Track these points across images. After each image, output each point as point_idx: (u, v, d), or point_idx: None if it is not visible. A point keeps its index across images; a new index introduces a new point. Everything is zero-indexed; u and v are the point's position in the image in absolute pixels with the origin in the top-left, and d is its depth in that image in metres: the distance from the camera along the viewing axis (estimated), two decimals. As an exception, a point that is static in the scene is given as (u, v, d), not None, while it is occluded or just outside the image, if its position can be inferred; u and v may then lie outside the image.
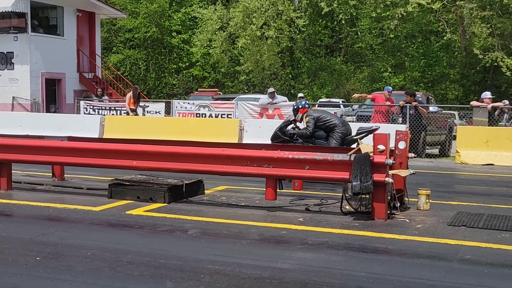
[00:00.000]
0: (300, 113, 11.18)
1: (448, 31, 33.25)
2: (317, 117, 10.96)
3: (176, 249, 6.19)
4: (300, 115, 11.17)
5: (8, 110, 23.45)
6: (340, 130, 10.82)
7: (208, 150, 8.62)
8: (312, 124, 10.89)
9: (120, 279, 5.18)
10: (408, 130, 11.36)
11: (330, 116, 11.21)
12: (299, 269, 5.53)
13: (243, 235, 6.85)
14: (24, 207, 8.42)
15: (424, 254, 6.09)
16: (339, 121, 11.08)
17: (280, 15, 34.60)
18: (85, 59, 27.12)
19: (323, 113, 11.53)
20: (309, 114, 11.06)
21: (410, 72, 38.20)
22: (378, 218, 7.61)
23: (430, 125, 17.02)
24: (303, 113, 11.12)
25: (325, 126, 10.93)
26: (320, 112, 11.88)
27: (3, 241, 6.45)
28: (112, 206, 8.45)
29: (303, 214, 8.14)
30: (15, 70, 24.50)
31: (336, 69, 39.70)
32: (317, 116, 11.01)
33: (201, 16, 36.90)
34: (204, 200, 9.11)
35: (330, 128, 10.88)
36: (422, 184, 9.71)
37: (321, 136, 10.98)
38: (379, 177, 7.47)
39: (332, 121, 10.95)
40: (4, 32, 24.84)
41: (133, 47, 42.99)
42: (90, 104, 22.15)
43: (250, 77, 37.31)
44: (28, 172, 11.61)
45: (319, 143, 10.81)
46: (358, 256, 6.01)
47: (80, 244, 6.34)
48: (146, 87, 41.28)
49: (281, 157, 8.05)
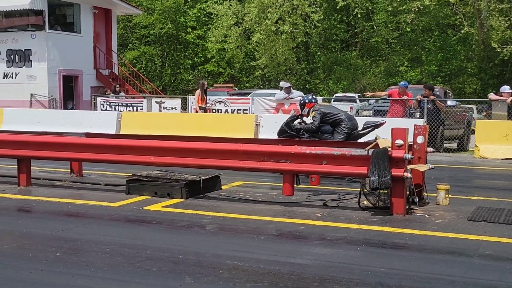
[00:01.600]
0: (306, 108, 11.18)
1: (465, 24, 32.93)
2: (323, 112, 10.94)
3: (194, 245, 6.20)
4: (307, 109, 11.17)
5: (27, 107, 23.60)
6: (346, 125, 10.79)
7: (225, 146, 8.63)
8: (318, 119, 10.86)
9: (139, 274, 5.20)
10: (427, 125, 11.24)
11: (336, 111, 11.19)
12: (317, 264, 5.51)
13: (261, 231, 6.85)
14: (44, 203, 8.48)
15: (444, 250, 6.05)
16: (346, 116, 11.03)
17: (295, 10, 34.47)
18: (101, 56, 27.22)
19: (330, 108, 11.53)
20: (315, 109, 11.04)
21: (427, 66, 37.91)
22: (396, 213, 7.56)
23: (448, 119, 16.88)
24: (310, 108, 11.11)
25: (331, 120, 10.91)
26: (326, 107, 11.87)
27: (23, 237, 6.50)
28: (130, 202, 8.48)
29: (321, 209, 8.11)
30: (33, 67, 24.66)
31: (352, 64, 39.50)
32: (324, 111, 10.99)
33: (216, 12, 36.88)
34: (221, 196, 9.11)
35: (337, 122, 10.86)
36: (441, 179, 9.65)
37: (328, 130, 10.96)
38: (397, 172, 7.42)
39: (339, 116, 10.92)
40: (22, 30, 25.01)
41: (148, 44, 43.08)
42: (106, 101, 22.24)
43: (265, 72, 37.25)
44: (46, 168, 11.68)
45: (325, 137, 10.79)
46: (377, 252, 5.98)
47: (99, 239, 6.37)
48: (162, 83, 41.38)
49: (299, 152, 8.02)
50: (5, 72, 25.21)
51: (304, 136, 10.93)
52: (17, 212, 8.22)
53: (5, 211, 8.07)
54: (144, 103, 21.65)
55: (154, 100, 21.74)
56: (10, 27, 25.53)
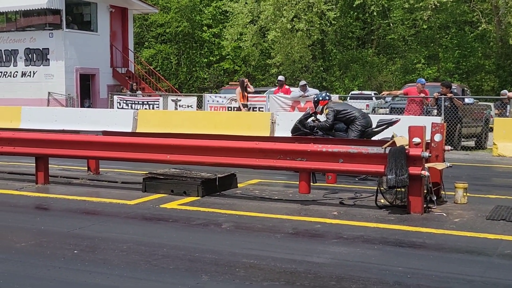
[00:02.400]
0: (320, 105, 11.15)
1: (483, 21, 32.68)
2: (337, 109, 10.90)
3: (211, 243, 6.20)
4: (320, 107, 11.14)
5: (44, 105, 23.78)
6: (360, 122, 10.74)
7: (241, 144, 8.62)
8: (332, 116, 10.83)
9: (156, 272, 5.21)
10: (444, 123, 11.19)
11: (350, 109, 11.14)
12: (334, 263, 5.49)
13: (277, 229, 6.83)
14: (61, 201, 8.53)
15: (462, 249, 6.00)
16: (359, 114, 10.98)
17: (311, 7, 34.37)
18: (118, 54, 27.34)
19: (344, 105, 11.49)
20: (329, 106, 11.00)
21: (444, 63, 37.65)
22: (414, 212, 7.51)
23: (466, 117, 16.75)
24: (324, 105, 11.08)
25: (345, 118, 10.86)
26: (340, 104, 11.84)
27: (41, 234, 6.54)
28: (147, 200, 8.51)
29: (337, 207, 8.08)
30: (50, 66, 24.84)
31: (368, 61, 39.34)
32: (337, 108, 10.95)
33: (232, 10, 36.89)
34: (237, 194, 9.11)
35: (350, 120, 10.81)
36: (459, 177, 9.56)
37: (341, 128, 10.92)
38: (415, 170, 7.37)
39: (353, 113, 10.87)
40: (39, 29, 25.20)
41: (164, 42, 43.21)
42: (123, 99, 22.33)
43: (280, 70, 37.20)
44: (64, 166, 11.76)
45: (339, 135, 10.76)
46: (394, 251, 5.94)
47: (116, 237, 6.39)
48: (178, 81, 41.48)
49: (315, 151, 8.00)
50: (23, 70, 25.42)
51: (318, 134, 10.91)
52: (35, 209, 8.28)
53: (23, 209, 8.14)
54: (160, 101, 21.71)
55: (170, 98, 21.79)
56: (28, 26, 25.74)
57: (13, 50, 25.52)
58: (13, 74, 25.62)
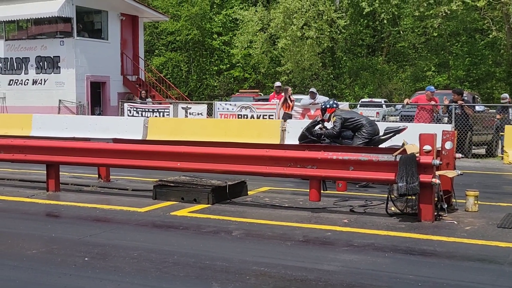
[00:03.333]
0: (327, 113, 11.16)
1: (493, 29, 32.55)
2: (344, 117, 10.91)
3: (221, 250, 6.20)
4: (328, 114, 11.15)
5: (55, 113, 23.89)
6: (367, 130, 10.74)
7: (251, 151, 8.63)
8: (339, 124, 10.83)
9: (166, 280, 5.21)
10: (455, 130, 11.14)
11: (357, 116, 11.16)
12: (345, 271, 5.47)
13: (287, 237, 6.83)
14: (72, 208, 8.56)
15: (473, 257, 5.97)
16: (367, 121, 10.99)
17: (320, 15, 34.40)
18: (128, 62, 27.45)
19: (351, 113, 11.50)
20: (336, 114, 11.02)
21: (455, 71, 37.53)
22: (425, 220, 7.49)
23: (477, 124, 16.69)
24: (331, 113, 11.09)
25: (352, 126, 10.87)
26: (347, 112, 11.85)
27: (52, 242, 6.57)
28: (157, 207, 8.52)
29: (348, 215, 8.06)
30: (61, 73, 24.97)
31: (378, 69, 39.28)
32: (345, 116, 10.96)
33: (242, 18, 36.97)
34: (248, 201, 9.11)
35: (358, 128, 10.82)
36: (470, 185, 9.52)
37: (349, 136, 10.92)
38: (425, 178, 7.35)
39: (360, 121, 10.88)
40: (51, 37, 25.37)
41: (175, 50, 43.33)
42: (133, 106, 22.41)
43: (290, 78, 37.21)
44: (74, 173, 11.81)
45: (346, 143, 10.76)
46: (405, 259, 5.92)
47: (126, 245, 6.41)
48: (188, 89, 41.58)
49: (325, 158, 8.00)
50: (34, 78, 25.57)
51: (325, 142, 10.91)
52: (46, 217, 8.32)
53: (34, 216, 8.18)
54: (170, 109, 21.77)
55: (180, 106, 21.85)
56: (39, 34, 25.92)
57: (24, 58, 25.69)
58: (24, 82, 25.79)
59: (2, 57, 26.13)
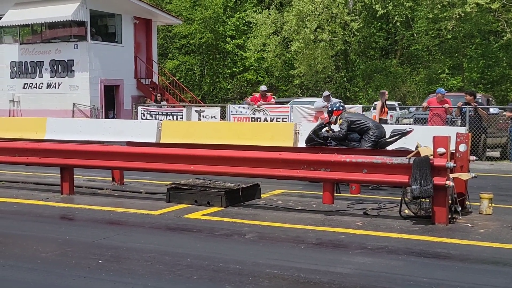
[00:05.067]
0: (334, 115, 11.14)
1: (508, 31, 32.32)
2: (350, 119, 10.89)
3: (234, 253, 6.21)
4: (334, 117, 11.13)
5: (69, 116, 24.02)
6: (373, 133, 10.72)
7: (265, 154, 8.64)
8: (345, 127, 10.82)
9: (180, 282, 5.23)
10: (469, 133, 11.08)
11: (364, 119, 11.15)
12: (358, 274, 5.46)
13: (301, 239, 6.82)
14: (86, 211, 8.61)
15: (488, 260, 5.93)
16: (373, 124, 10.98)
17: (334, 18, 34.34)
18: (142, 66, 27.55)
19: (357, 116, 11.48)
20: (343, 116, 11.00)
21: (469, 73, 37.32)
22: (438, 223, 7.45)
23: (491, 127, 16.58)
24: (337, 115, 11.07)
25: (359, 128, 10.86)
26: (354, 114, 11.82)
27: (66, 244, 6.60)
28: (171, 210, 8.55)
29: (361, 218, 8.04)
30: (75, 77, 25.10)
31: (392, 71, 39.14)
32: (351, 118, 10.93)
33: (255, 21, 36.99)
34: (261, 204, 9.11)
35: (364, 130, 10.80)
36: (484, 188, 9.47)
37: (355, 138, 10.90)
38: (439, 181, 7.32)
39: (366, 124, 10.86)
40: (64, 41, 25.50)
41: (188, 53, 43.44)
42: (147, 110, 22.49)
43: (303, 81, 37.19)
44: (88, 176, 11.87)
45: (352, 145, 10.75)
46: (419, 261, 5.90)
47: (140, 247, 6.43)
48: (201, 92, 41.67)
49: (339, 161, 7.99)
50: (48, 82, 25.73)
51: (332, 144, 10.91)
52: (60, 219, 8.37)
53: (49, 219, 8.22)
54: (183, 112, 21.82)
55: (193, 109, 21.88)
56: (53, 38, 26.06)
57: (39, 61, 25.86)
58: (38, 86, 25.95)
59: (16, 61, 26.32)
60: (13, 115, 26.01)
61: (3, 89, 26.69)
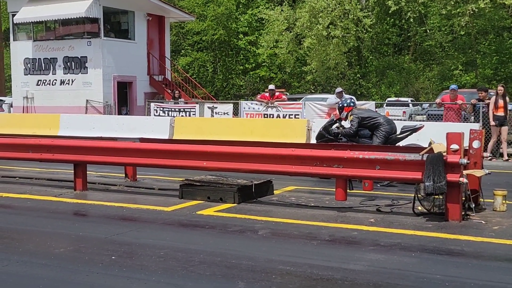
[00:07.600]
0: (345, 112, 11.11)
1: (522, 26, 32.11)
2: (361, 116, 10.85)
3: (247, 250, 6.21)
4: (345, 113, 11.10)
5: (82, 113, 24.12)
6: (384, 129, 10.68)
7: (277, 151, 8.63)
8: (356, 123, 10.79)
9: (192, 278, 5.24)
10: (483, 129, 11.01)
11: (375, 115, 11.14)
12: (371, 270, 5.44)
13: (313, 236, 6.81)
14: (99, 207, 8.64)
15: (502, 257, 5.90)
16: (384, 120, 10.93)
17: (346, 14, 34.24)
18: (155, 62, 27.61)
19: (368, 112, 11.46)
20: (353, 112, 10.97)
21: (482, 69, 37.08)
22: (452, 220, 7.42)
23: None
24: (348, 112, 11.04)
25: (369, 124, 10.82)
26: (364, 111, 11.77)
27: (80, 240, 6.64)
28: (183, 206, 8.57)
29: (374, 215, 8.02)
30: (88, 74, 25.21)
31: (405, 68, 38.99)
32: (361, 115, 10.90)
33: (268, 17, 36.95)
34: (274, 201, 9.11)
35: (375, 126, 10.77)
36: (498, 185, 9.39)
37: (366, 135, 10.87)
38: (453, 177, 7.28)
39: (377, 120, 10.83)
40: (78, 38, 25.63)
41: (201, 50, 43.49)
42: (160, 106, 22.54)
43: (315, 77, 37.11)
44: (101, 173, 11.92)
45: (363, 141, 10.72)
46: (432, 258, 5.87)
47: (153, 243, 6.45)
48: (214, 89, 41.71)
49: (351, 157, 7.96)
50: (62, 79, 25.86)
51: (342, 141, 10.89)
52: (74, 216, 8.41)
53: (62, 215, 8.27)
54: (196, 108, 21.84)
55: (206, 106, 21.91)
56: (66, 34, 26.19)
57: (52, 58, 25.98)
58: (52, 82, 26.09)
59: (30, 58, 26.46)
60: (27, 111, 26.16)
61: (17, 86, 26.88)
